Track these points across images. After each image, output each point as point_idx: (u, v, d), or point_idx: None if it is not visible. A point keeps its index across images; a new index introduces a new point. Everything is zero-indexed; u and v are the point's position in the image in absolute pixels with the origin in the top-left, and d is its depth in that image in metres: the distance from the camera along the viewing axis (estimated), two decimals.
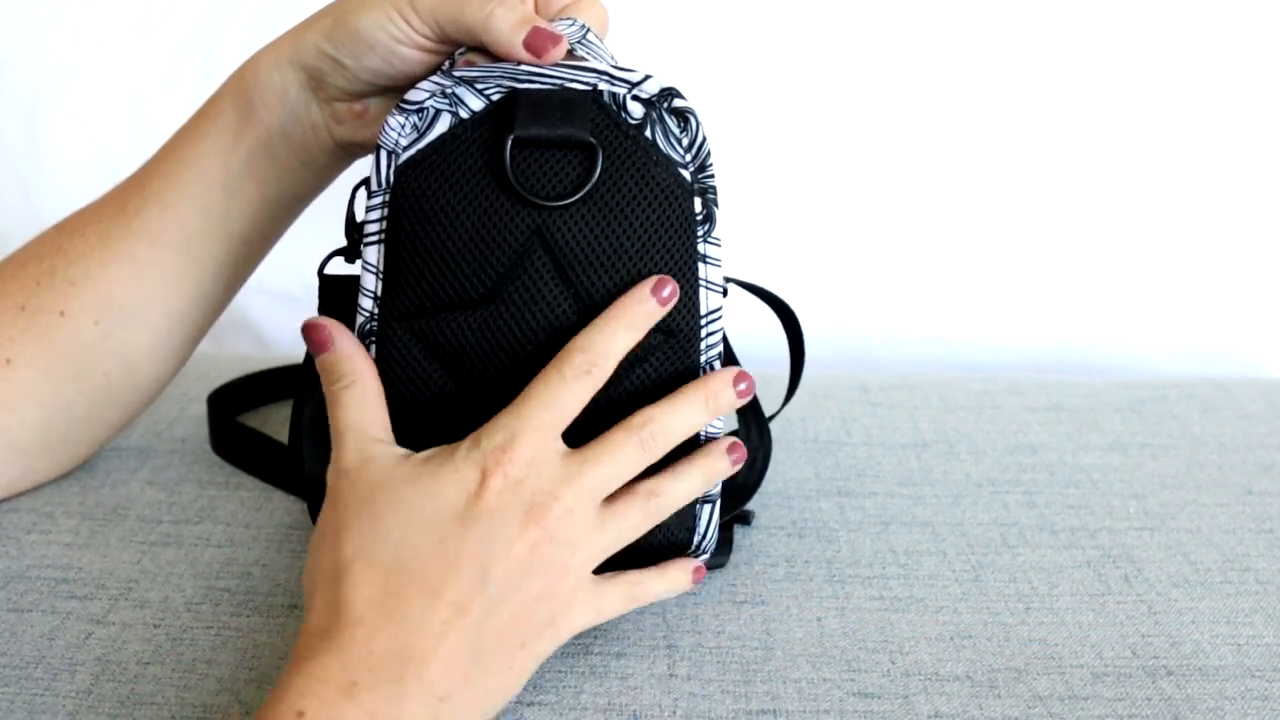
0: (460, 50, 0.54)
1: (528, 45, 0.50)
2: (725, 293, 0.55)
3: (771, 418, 0.63)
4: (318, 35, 0.55)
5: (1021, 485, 0.69)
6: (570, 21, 0.54)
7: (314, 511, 0.58)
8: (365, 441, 0.49)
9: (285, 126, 0.58)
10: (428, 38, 0.53)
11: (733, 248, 0.58)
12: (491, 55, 0.53)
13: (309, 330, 0.52)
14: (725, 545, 0.60)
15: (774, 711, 0.50)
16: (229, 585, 0.58)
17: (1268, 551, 0.62)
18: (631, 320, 0.50)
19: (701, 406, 0.52)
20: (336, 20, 0.55)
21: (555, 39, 0.50)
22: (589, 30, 0.54)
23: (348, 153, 0.60)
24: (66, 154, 1.00)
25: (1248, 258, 1.00)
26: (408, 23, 0.53)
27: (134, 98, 0.99)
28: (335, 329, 0.52)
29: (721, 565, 0.60)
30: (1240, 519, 0.65)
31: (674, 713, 0.50)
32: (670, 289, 0.50)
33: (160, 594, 0.57)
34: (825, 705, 0.50)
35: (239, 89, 0.59)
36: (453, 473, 0.47)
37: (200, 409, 0.74)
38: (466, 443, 0.48)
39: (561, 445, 0.49)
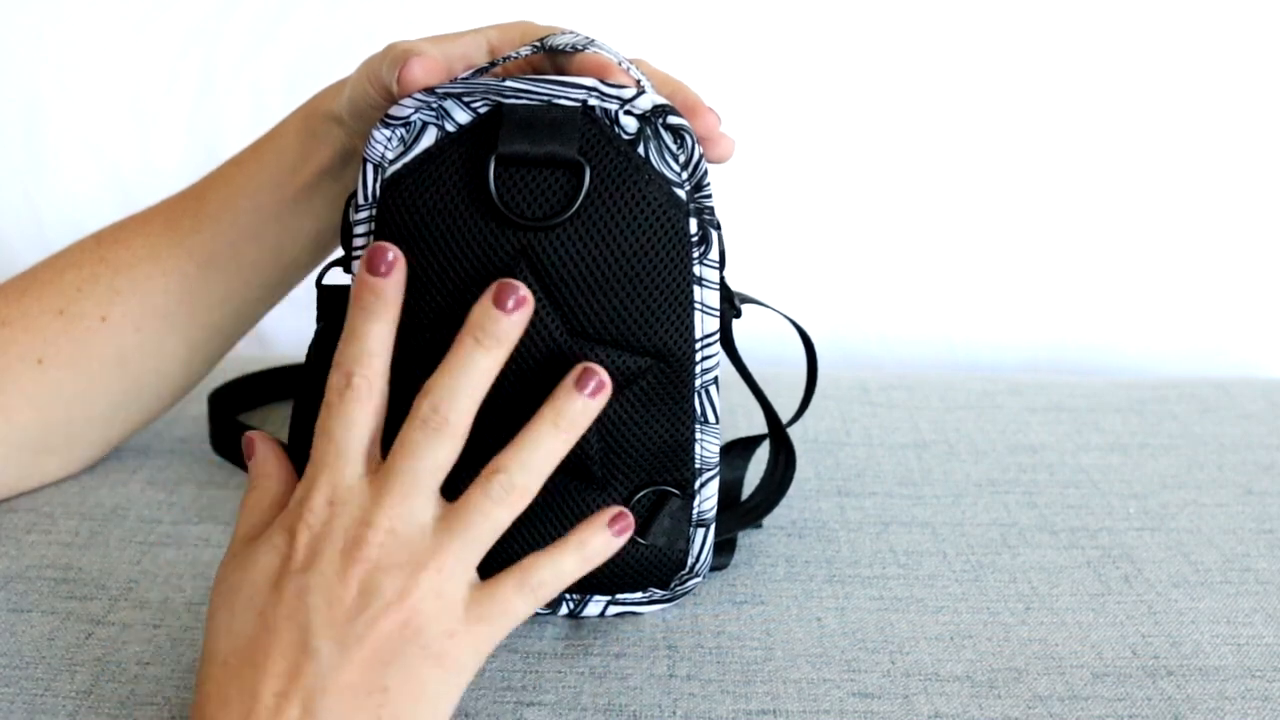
0: (505, 57, 0.53)
1: (399, 77, 0.49)
2: (739, 314, 0.54)
3: (788, 424, 0.62)
4: (341, 98, 0.56)
5: (1021, 485, 0.69)
6: (574, 34, 0.53)
7: None
8: (239, 543, 0.48)
9: (335, 169, 0.60)
10: (388, 100, 0.52)
11: (733, 246, 0.58)
12: (535, 66, 0.53)
13: (243, 443, 0.52)
14: (727, 546, 0.60)
15: (774, 712, 0.50)
16: None
17: (1268, 551, 0.62)
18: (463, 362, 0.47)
19: (553, 428, 0.47)
20: (347, 87, 0.56)
21: (420, 62, 0.49)
22: (594, 40, 0.53)
23: None
24: (66, 154, 1.00)
25: (1247, 258, 1.00)
26: (373, 89, 0.53)
27: (134, 98, 0.99)
28: (260, 440, 0.51)
29: (724, 567, 0.60)
30: (1240, 519, 0.65)
31: (674, 713, 0.50)
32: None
33: (160, 594, 0.57)
34: (825, 705, 0.50)
35: (305, 127, 0.60)
36: (265, 542, 0.46)
37: (200, 409, 0.74)
38: (284, 514, 0.47)
39: (359, 471, 0.46)
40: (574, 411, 0.47)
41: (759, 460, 0.63)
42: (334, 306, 0.56)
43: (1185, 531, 0.64)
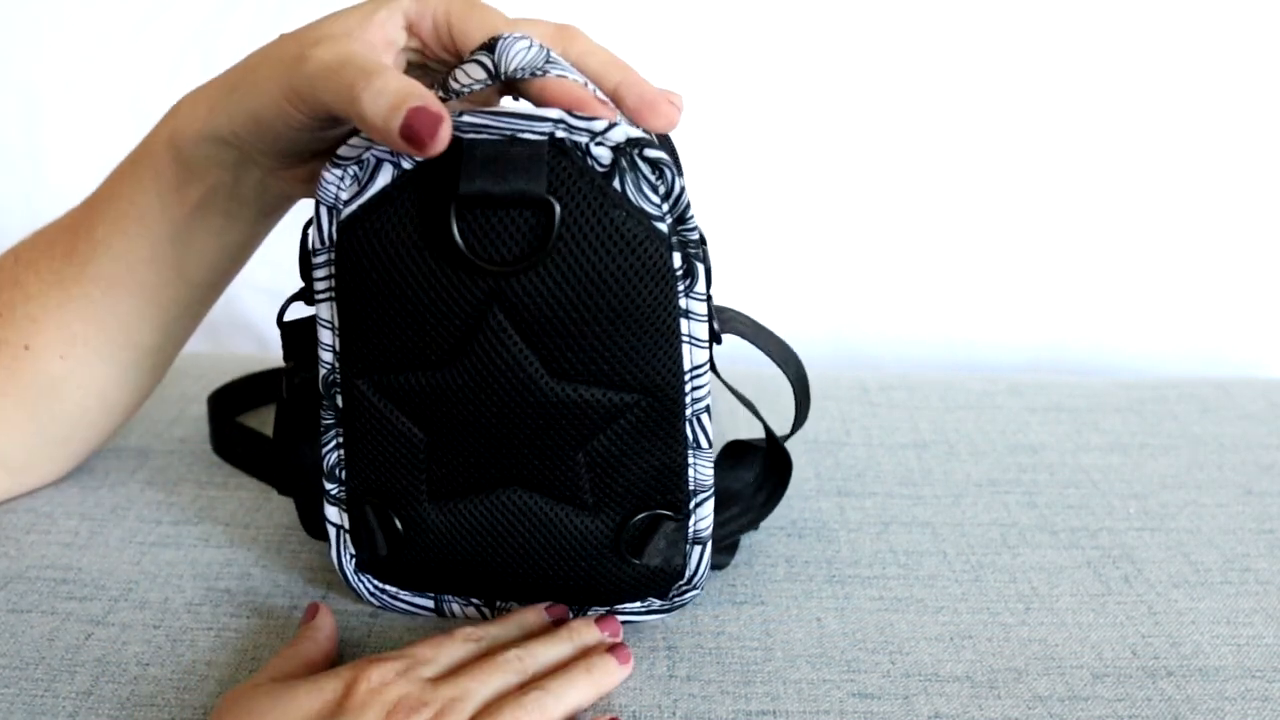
0: (458, 92, 0.48)
1: (404, 133, 0.42)
2: (719, 341, 0.51)
3: (785, 438, 0.61)
4: (224, 116, 0.51)
5: (1021, 485, 0.69)
6: (528, 43, 0.47)
7: (302, 513, 0.58)
8: (266, 679, 0.48)
9: (228, 185, 0.55)
10: (321, 123, 0.48)
11: (734, 248, 0.58)
12: (490, 102, 0.50)
13: (308, 610, 0.54)
14: (729, 546, 0.60)
15: (774, 712, 0.50)
16: (229, 586, 0.58)
17: (1268, 551, 0.62)
18: (522, 623, 0.53)
19: (568, 644, 0.52)
20: (238, 103, 0.50)
21: (438, 120, 0.42)
22: (549, 51, 0.47)
23: (302, 194, 0.57)
24: (66, 154, 1.00)
25: (1247, 258, 1.00)
26: (297, 110, 0.47)
27: (134, 98, 0.99)
28: (324, 611, 0.54)
29: (724, 567, 0.60)
30: (1240, 519, 0.65)
31: (674, 713, 0.50)
32: (560, 612, 0.54)
33: (160, 595, 0.57)
34: (825, 706, 0.50)
35: (173, 153, 0.54)
36: (313, 685, 0.46)
37: (200, 409, 0.74)
38: (341, 668, 0.48)
39: (432, 676, 0.49)
40: (609, 671, 0.51)
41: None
42: (300, 343, 0.54)
43: (1185, 531, 0.64)
